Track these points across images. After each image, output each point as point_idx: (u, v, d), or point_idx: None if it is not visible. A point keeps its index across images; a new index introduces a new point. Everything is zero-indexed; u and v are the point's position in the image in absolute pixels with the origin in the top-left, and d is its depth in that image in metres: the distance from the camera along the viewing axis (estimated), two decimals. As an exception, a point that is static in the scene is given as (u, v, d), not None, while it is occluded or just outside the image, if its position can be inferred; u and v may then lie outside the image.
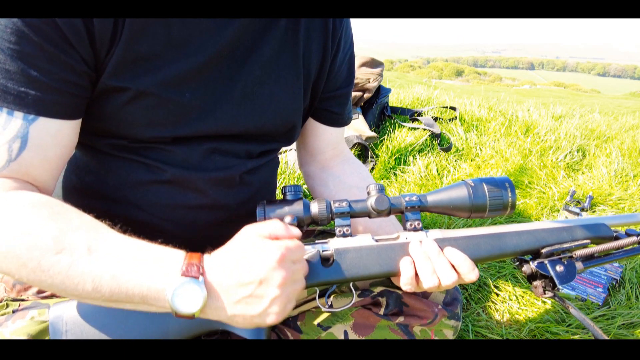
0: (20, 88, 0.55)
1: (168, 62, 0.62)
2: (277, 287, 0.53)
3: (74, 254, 0.51)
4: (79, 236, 0.52)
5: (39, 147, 0.58)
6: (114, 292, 0.52)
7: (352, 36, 0.87)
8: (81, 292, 0.51)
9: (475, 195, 0.66)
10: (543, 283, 0.68)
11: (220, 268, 0.54)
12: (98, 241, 0.53)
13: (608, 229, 0.71)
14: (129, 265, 0.52)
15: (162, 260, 0.53)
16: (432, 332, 0.81)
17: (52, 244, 0.51)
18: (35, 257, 0.50)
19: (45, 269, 0.50)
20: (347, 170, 0.94)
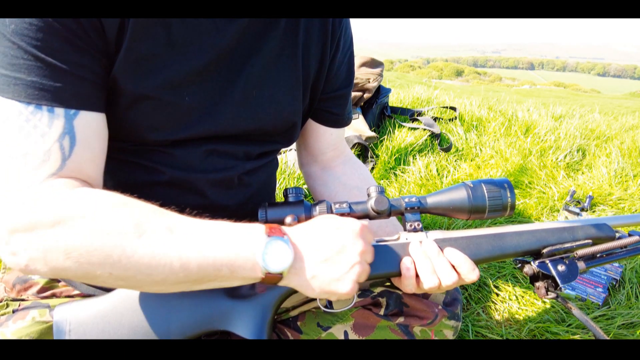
0: (56, 84, 0.53)
1: (168, 64, 0.62)
2: (358, 255, 0.57)
3: (157, 236, 0.51)
4: (157, 219, 0.52)
5: (86, 141, 0.56)
6: (202, 266, 0.52)
7: (351, 36, 0.87)
8: (168, 273, 0.51)
9: (475, 197, 0.66)
10: (545, 284, 0.68)
11: (302, 233, 0.57)
12: (176, 222, 0.53)
13: (610, 229, 0.71)
14: (213, 238, 0.53)
15: (244, 229, 0.55)
16: (432, 332, 0.81)
17: (133, 229, 0.50)
18: (118, 244, 0.49)
19: (130, 255, 0.49)
20: (347, 171, 0.94)
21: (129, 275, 0.51)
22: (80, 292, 0.74)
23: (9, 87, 0.51)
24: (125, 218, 0.51)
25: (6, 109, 0.52)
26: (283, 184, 1.76)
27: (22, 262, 0.49)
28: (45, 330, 0.67)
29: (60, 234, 0.49)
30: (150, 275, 0.51)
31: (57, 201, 0.50)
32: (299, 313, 0.83)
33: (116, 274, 0.50)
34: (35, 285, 0.74)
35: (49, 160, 0.53)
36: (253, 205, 0.77)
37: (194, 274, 0.52)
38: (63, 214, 0.49)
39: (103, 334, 0.63)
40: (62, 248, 0.48)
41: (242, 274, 0.54)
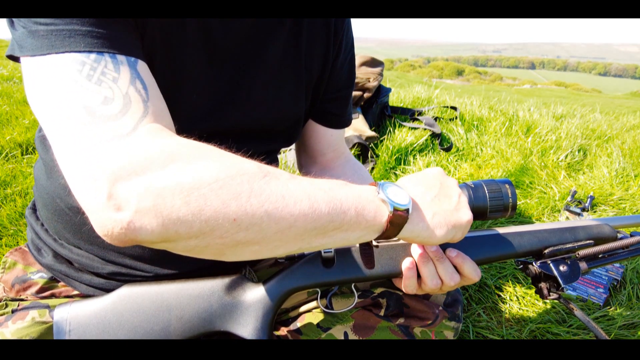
0: (112, 32, 0.50)
1: (178, 62, 0.62)
2: (456, 185, 0.61)
3: (281, 177, 0.48)
4: (273, 167, 0.49)
5: (153, 87, 0.52)
6: (331, 206, 0.48)
7: (352, 38, 0.87)
8: (297, 214, 0.46)
9: (476, 197, 0.66)
10: (547, 284, 0.68)
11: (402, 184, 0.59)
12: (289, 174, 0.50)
13: (611, 229, 0.71)
14: (333, 183, 0.52)
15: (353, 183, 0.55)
16: (432, 333, 0.80)
17: (257, 169, 0.47)
18: (245, 182, 0.44)
19: (258, 193, 0.45)
20: (347, 172, 0.94)
21: (254, 222, 0.44)
22: (79, 292, 0.74)
23: (63, 41, 0.48)
24: (245, 160, 0.47)
25: (66, 63, 0.47)
26: (283, 184, 1.76)
27: (126, 217, 0.42)
28: (45, 331, 0.67)
29: (177, 171, 0.43)
30: (278, 219, 0.45)
31: (163, 141, 0.45)
32: (299, 314, 0.83)
33: (241, 220, 0.44)
34: (35, 285, 0.74)
35: (131, 104, 0.48)
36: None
37: (322, 216, 0.48)
38: (175, 153, 0.44)
39: (103, 334, 0.63)
40: (179, 189, 0.42)
41: (367, 215, 0.51)
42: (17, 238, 1.35)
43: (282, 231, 0.47)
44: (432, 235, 0.56)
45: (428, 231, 0.56)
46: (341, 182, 0.54)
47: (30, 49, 0.48)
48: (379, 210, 0.52)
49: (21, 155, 1.88)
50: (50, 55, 0.48)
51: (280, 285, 0.66)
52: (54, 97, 0.47)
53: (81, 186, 0.44)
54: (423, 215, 0.56)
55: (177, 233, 0.43)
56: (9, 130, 2.02)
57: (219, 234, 0.44)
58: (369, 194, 0.53)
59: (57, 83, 0.47)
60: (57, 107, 0.46)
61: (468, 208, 0.60)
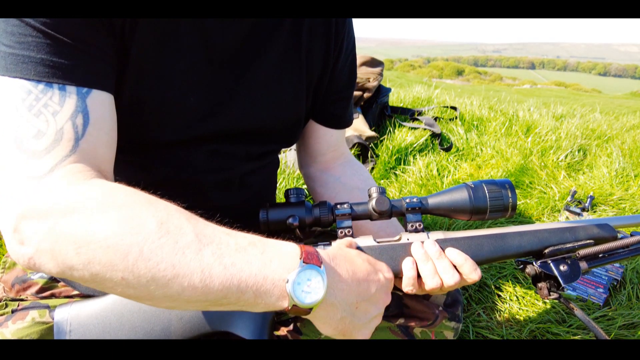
0: (67, 61, 0.50)
1: (174, 63, 0.62)
2: (383, 308, 0.57)
3: (180, 241, 0.44)
4: (184, 222, 0.46)
5: (100, 122, 0.52)
6: (225, 285, 0.45)
7: (354, 39, 0.87)
8: (186, 286, 0.44)
9: (476, 198, 0.66)
10: (548, 284, 0.68)
11: (338, 267, 0.52)
12: (203, 229, 0.47)
13: (612, 229, 0.71)
14: (241, 254, 0.47)
15: (277, 249, 0.49)
16: (432, 333, 0.80)
17: (156, 228, 0.44)
18: (136, 243, 0.43)
19: (147, 258, 0.43)
20: (347, 172, 0.94)
21: (141, 284, 0.44)
22: (79, 293, 0.74)
23: (16, 66, 0.48)
24: (148, 215, 0.45)
25: (14, 88, 0.48)
26: (283, 184, 1.76)
27: (28, 253, 0.45)
28: (45, 331, 0.67)
29: (73, 223, 0.44)
30: (165, 287, 0.44)
31: (72, 188, 0.46)
32: (299, 313, 0.83)
33: (128, 279, 0.44)
34: (35, 286, 0.74)
35: (61, 140, 0.48)
36: (254, 205, 0.77)
37: (214, 292, 0.45)
38: (78, 203, 0.45)
39: (104, 335, 0.63)
40: (73, 240, 0.43)
41: (267, 300, 0.48)
42: (17, 238, 1.34)
43: (171, 296, 0.46)
44: (324, 329, 0.55)
45: (323, 324, 0.54)
46: (259, 251, 0.48)
47: None
48: (281, 298, 0.48)
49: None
50: (4, 77, 0.49)
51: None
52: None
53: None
54: (332, 313, 0.52)
55: (72, 276, 0.45)
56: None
57: (110, 286, 0.45)
58: (278, 278, 0.47)
59: (1, 107, 0.48)
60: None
61: (371, 331, 0.57)
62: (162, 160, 0.69)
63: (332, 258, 0.53)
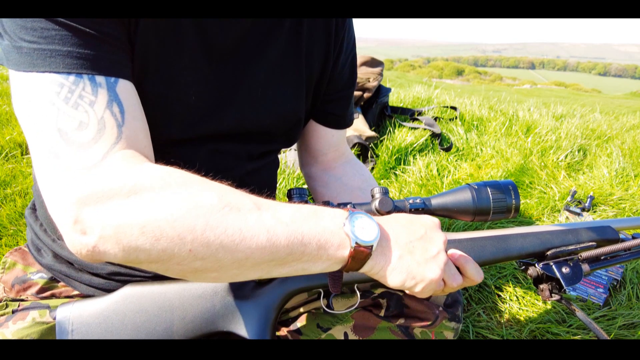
0: (93, 52, 0.51)
1: (174, 63, 0.62)
2: (442, 243, 0.58)
3: (242, 208, 0.48)
4: (240, 194, 0.50)
5: (133, 109, 0.53)
6: (290, 239, 0.48)
7: (354, 38, 0.87)
8: (254, 249, 0.47)
9: (479, 199, 0.66)
10: (549, 286, 0.68)
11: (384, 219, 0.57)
12: (260, 200, 0.51)
13: (614, 231, 0.71)
14: (299, 214, 0.51)
15: (325, 209, 0.53)
16: (432, 333, 0.80)
17: (217, 200, 0.47)
18: (202, 215, 0.45)
19: (214, 226, 0.46)
20: (348, 172, 0.94)
21: (210, 253, 0.46)
22: (79, 293, 0.74)
23: (44, 60, 0.48)
24: (207, 190, 0.47)
25: (45, 83, 0.49)
26: (283, 184, 1.76)
27: (92, 241, 0.45)
28: (45, 331, 0.67)
29: (137, 204, 0.45)
30: (234, 252, 0.47)
31: (130, 171, 0.47)
32: (299, 314, 0.83)
33: (197, 250, 0.45)
34: (35, 286, 0.74)
35: (105, 129, 0.49)
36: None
37: (281, 250, 0.48)
38: (139, 184, 0.46)
39: (106, 334, 0.63)
40: (137, 220, 0.44)
41: (329, 249, 0.51)
42: (17, 238, 1.35)
43: (239, 261, 0.48)
44: (388, 277, 0.55)
45: (384, 271, 0.55)
46: (310, 210, 0.52)
47: (14, 63, 0.49)
48: (342, 244, 0.51)
49: (21, 155, 1.88)
50: (32, 73, 0.49)
51: (283, 287, 0.66)
52: (33, 116, 0.48)
53: (53, 208, 0.47)
54: (389, 254, 0.54)
55: (138, 258, 0.46)
56: (8, 130, 2.02)
57: (176, 262, 0.47)
58: (334, 226, 0.51)
59: (36, 103, 0.48)
60: (35, 128, 0.48)
61: (442, 270, 0.57)
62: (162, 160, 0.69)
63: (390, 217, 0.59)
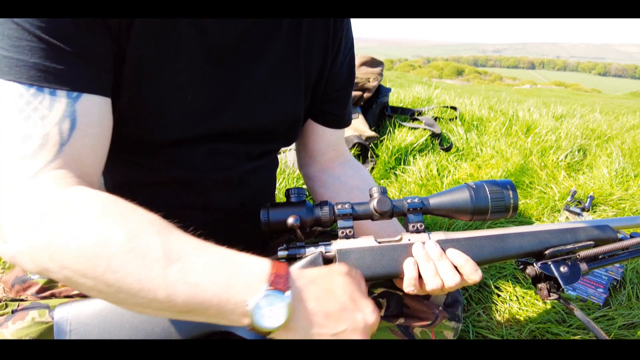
0: (59, 66, 0.51)
1: (171, 63, 0.62)
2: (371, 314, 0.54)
3: (148, 257, 0.46)
4: (153, 237, 0.47)
5: (87, 126, 0.53)
6: (189, 302, 0.47)
7: (352, 38, 0.87)
8: (151, 300, 0.46)
9: (477, 198, 0.66)
10: (548, 285, 0.68)
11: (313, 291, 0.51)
12: (173, 244, 0.48)
13: (612, 231, 0.71)
14: (207, 273, 0.47)
15: (245, 269, 0.49)
16: (432, 333, 0.80)
17: (125, 243, 0.46)
18: (106, 257, 0.45)
19: (115, 270, 0.45)
20: (347, 172, 0.94)
21: (111, 292, 0.47)
22: (79, 292, 0.74)
23: (11, 69, 0.50)
24: (119, 230, 0.46)
25: (8, 91, 0.50)
26: (283, 184, 1.76)
27: (9, 252, 0.48)
28: (45, 331, 0.67)
29: (50, 230, 0.46)
30: (132, 297, 0.47)
31: (52, 196, 0.48)
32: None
33: (98, 287, 0.46)
34: (35, 286, 0.74)
35: (46, 145, 0.50)
36: (253, 205, 0.77)
37: (179, 307, 0.47)
38: (57, 211, 0.47)
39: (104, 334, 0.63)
40: (47, 248, 0.46)
41: (230, 318, 0.49)
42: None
43: (139, 305, 0.48)
44: None
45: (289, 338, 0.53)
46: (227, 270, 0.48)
47: None
48: (242, 318, 0.48)
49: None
50: None
51: None
52: None
53: None
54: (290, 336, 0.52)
55: (50, 277, 0.48)
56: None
57: (83, 290, 0.48)
58: (239, 301, 0.47)
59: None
60: None
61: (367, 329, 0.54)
62: (162, 160, 0.69)
63: (309, 282, 0.52)
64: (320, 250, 0.65)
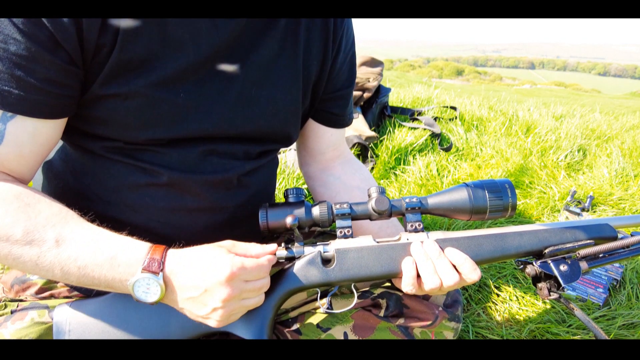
0: (3, 87, 0.56)
1: (163, 62, 0.62)
2: (220, 301, 0.58)
3: (43, 246, 0.56)
4: (48, 229, 0.57)
5: (14, 143, 0.60)
6: (81, 279, 0.58)
7: (353, 36, 0.86)
8: (52, 277, 0.58)
9: (476, 198, 0.66)
10: (548, 284, 0.68)
11: (178, 266, 0.59)
12: (66, 234, 0.58)
13: (612, 229, 0.71)
14: (95, 259, 0.57)
15: (126, 254, 0.58)
16: (432, 333, 0.80)
17: (22, 236, 0.55)
18: (5, 247, 0.55)
19: (15, 257, 0.56)
20: (347, 171, 0.94)
21: (17, 268, 0.60)
22: (78, 293, 0.73)
23: None
24: (17, 224, 0.56)
25: None
26: (283, 184, 1.76)
27: None
28: (44, 331, 0.67)
29: None
30: (37, 273, 0.58)
31: None
32: (299, 314, 0.83)
33: (8, 264, 0.57)
34: (34, 286, 0.74)
35: None
36: (253, 206, 0.76)
37: (74, 281, 0.58)
38: None
39: (103, 334, 0.63)
40: None
41: (120, 290, 0.60)
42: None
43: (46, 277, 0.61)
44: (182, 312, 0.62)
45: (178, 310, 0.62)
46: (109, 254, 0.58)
47: None
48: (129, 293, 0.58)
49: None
50: None
51: (280, 286, 0.66)
52: None
53: None
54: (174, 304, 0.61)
55: None
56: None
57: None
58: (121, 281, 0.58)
59: None
60: None
61: (222, 322, 0.60)
62: (157, 161, 0.69)
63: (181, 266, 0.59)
64: (318, 250, 0.65)
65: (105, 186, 0.70)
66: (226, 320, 0.60)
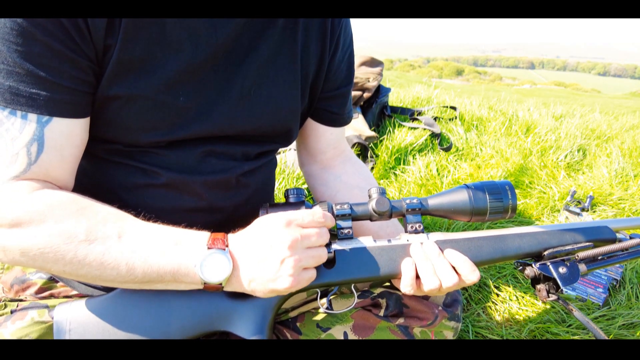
0: (31, 90, 0.55)
1: (162, 62, 0.62)
2: (287, 249, 0.58)
3: (106, 242, 0.56)
4: (109, 226, 0.57)
5: (55, 148, 0.59)
6: (147, 272, 0.57)
7: (351, 34, 0.86)
8: (116, 276, 0.57)
9: (476, 199, 0.66)
10: (547, 286, 0.68)
11: (240, 240, 0.60)
12: (126, 228, 0.58)
13: (611, 231, 0.71)
14: (158, 247, 0.57)
15: (189, 239, 0.59)
16: (432, 333, 0.80)
17: (85, 236, 0.55)
18: (71, 249, 0.55)
19: (81, 258, 0.55)
20: (348, 170, 0.94)
21: (81, 273, 0.56)
22: (78, 293, 0.73)
23: None
24: (79, 225, 0.55)
25: None
26: (283, 184, 1.76)
27: None
28: (44, 331, 0.67)
29: (17, 235, 0.54)
30: (100, 275, 0.57)
31: (16, 204, 0.55)
32: (299, 314, 0.83)
33: (69, 270, 0.56)
34: (34, 286, 0.74)
35: (15, 163, 0.57)
36: (252, 206, 0.76)
37: (139, 278, 0.57)
38: (20, 217, 0.54)
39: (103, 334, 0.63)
40: (18, 248, 0.54)
41: (184, 280, 0.59)
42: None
43: (108, 280, 0.58)
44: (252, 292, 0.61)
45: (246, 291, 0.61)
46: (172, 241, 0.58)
47: None
48: (194, 279, 0.58)
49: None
50: None
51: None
52: None
53: None
54: (241, 279, 0.59)
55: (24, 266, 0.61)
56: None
57: (55, 273, 0.58)
58: (187, 264, 0.58)
59: None
60: None
61: (292, 276, 0.58)
62: (156, 162, 0.69)
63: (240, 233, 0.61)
64: None
65: (105, 187, 0.70)
66: (297, 276, 0.58)
